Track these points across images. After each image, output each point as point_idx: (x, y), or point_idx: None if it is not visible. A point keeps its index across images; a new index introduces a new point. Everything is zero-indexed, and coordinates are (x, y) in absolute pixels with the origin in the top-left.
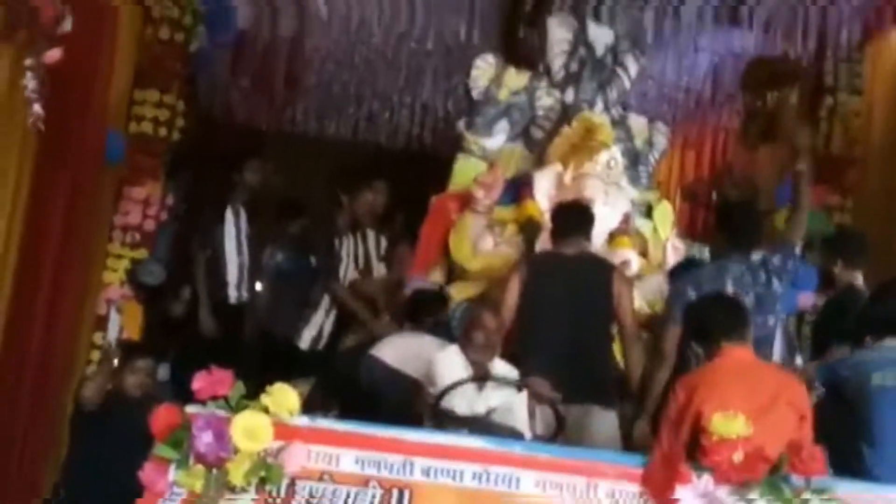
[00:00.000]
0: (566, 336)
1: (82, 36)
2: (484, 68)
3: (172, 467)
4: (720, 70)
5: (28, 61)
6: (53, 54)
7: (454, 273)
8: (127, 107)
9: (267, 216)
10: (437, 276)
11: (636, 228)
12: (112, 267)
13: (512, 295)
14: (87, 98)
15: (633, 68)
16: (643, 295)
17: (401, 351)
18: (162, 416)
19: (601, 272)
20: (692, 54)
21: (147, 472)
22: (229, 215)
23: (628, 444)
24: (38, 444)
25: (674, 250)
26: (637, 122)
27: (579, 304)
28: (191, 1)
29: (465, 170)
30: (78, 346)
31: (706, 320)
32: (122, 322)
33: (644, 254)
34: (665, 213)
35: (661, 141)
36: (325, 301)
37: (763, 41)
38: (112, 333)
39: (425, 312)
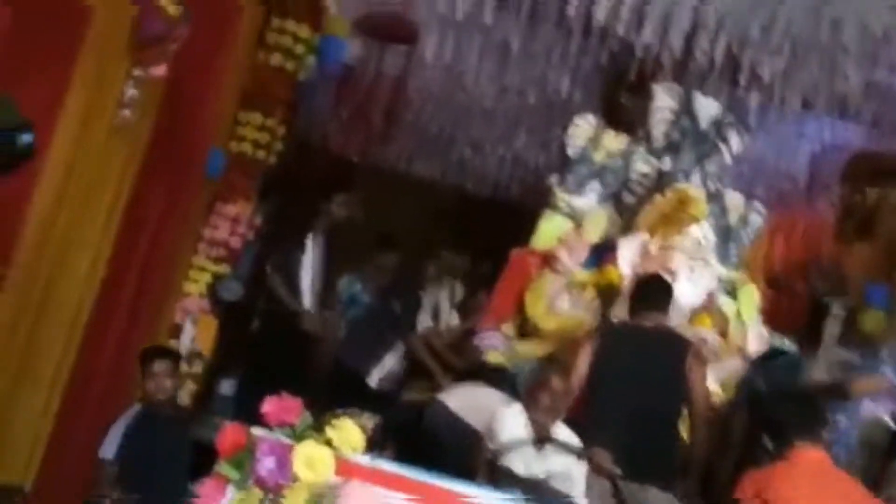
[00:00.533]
0: (633, 410)
1: (198, 55)
2: (583, 127)
3: (231, 487)
4: (820, 159)
5: (136, 72)
6: (160, 70)
7: (526, 329)
8: (231, 126)
9: (345, 247)
10: (508, 330)
11: (719, 307)
12: (194, 278)
13: (583, 361)
14: (196, 114)
15: (736, 144)
16: (718, 377)
17: (465, 400)
18: (228, 435)
19: (676, 348)
20: (794, 140)
21: (206, 488)
22: (309, 243)
23: None
24: None
25: (757, 336)
26: (733, 199)
27: (650, 378)
28: (307, 33)
29: (551, 227)
30: None
31: (779, 416)
32: (196, 333)
33: (724, 334)
34: (750, 296)
35: (756, 221)
36: (400, 347)
37: (868, 136)
38: (185, 343)
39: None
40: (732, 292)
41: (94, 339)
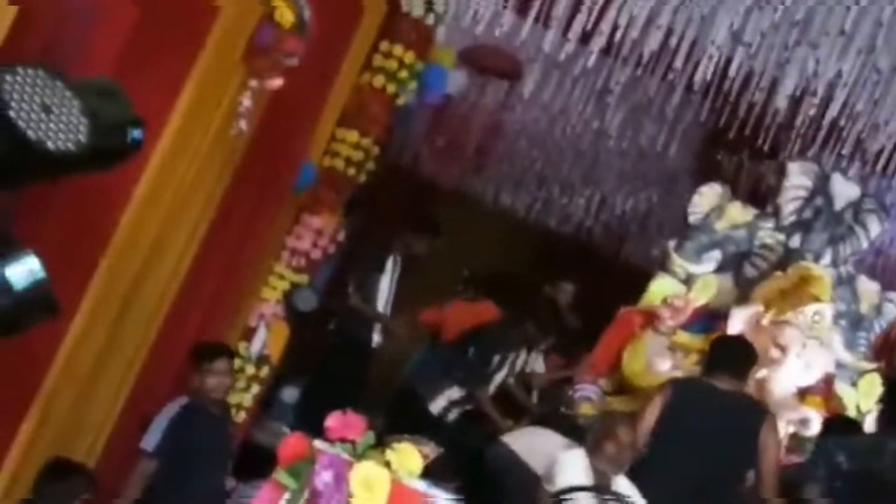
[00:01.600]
0: (697, 471)
1: (307, 69)
2: (708, 195)
3: (286, 496)
4: None
5: (252, 82)
6: (276, 82)
7: (623, 385)
8: (327, 141)
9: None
10: (604, 385)
11: (838, 395)
12: (272, 285)
13: (651, 415)
14: (295, 127)
15: (875, 229)
16: None
17: (527, 443)
18: (290, 444)
19: (752, 416)
20: None
21: (261, 494)
22: (389, 265)
23: None
24: None
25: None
26: (867, 286)
27: (720, 442)
28: (413, 59)
29: (661, 289)
30: None
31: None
32: (268, 339)
33: None
34: (871, 385)
35: (891, 311)
36: (458, 390)
37: None
38: (256, 347)
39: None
40: (853, 380)
41: (171, 332)
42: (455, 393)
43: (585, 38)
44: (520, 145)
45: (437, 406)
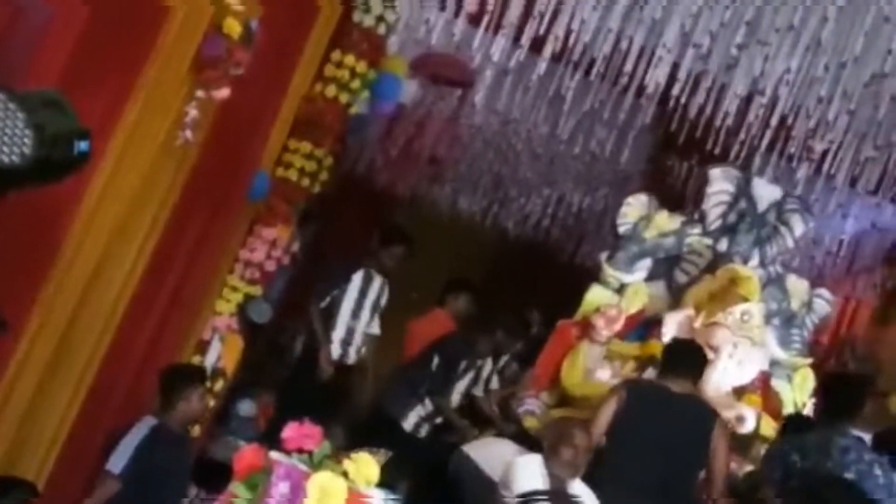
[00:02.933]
0: (651, 473)
1: (256, 80)
2: (635, 206)
3: None
4: (864, 240)
5: (199, 93)
6: (223, 93)
7: (564, 397)
8: (279, 152)
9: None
10: (547, 398)
11: (775, 391)
12: (226, 297)
13: (605, 417)
14: (247, 138)
15: (798, 228)
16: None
17: (486, 452)
18: (246, 456)
19: (703, 417)
20: (838, 219)
21: None
22: (357, 278)
23: None
24: None
25: None
26: (796, 284)
27: (673, 443)
28: (365, 68)
29: (595, 299)
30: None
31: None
32: (222, 351)
33: (776, 416)
34: (805, 378)
35: (822, 307)
36: (429, 403)
37: None
38: (210, 360)
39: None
40: (791, 377)
41: (122, 346)
42: (423, 409)
43: (537, 44)
44: (472, 152)
45: (408, 423)
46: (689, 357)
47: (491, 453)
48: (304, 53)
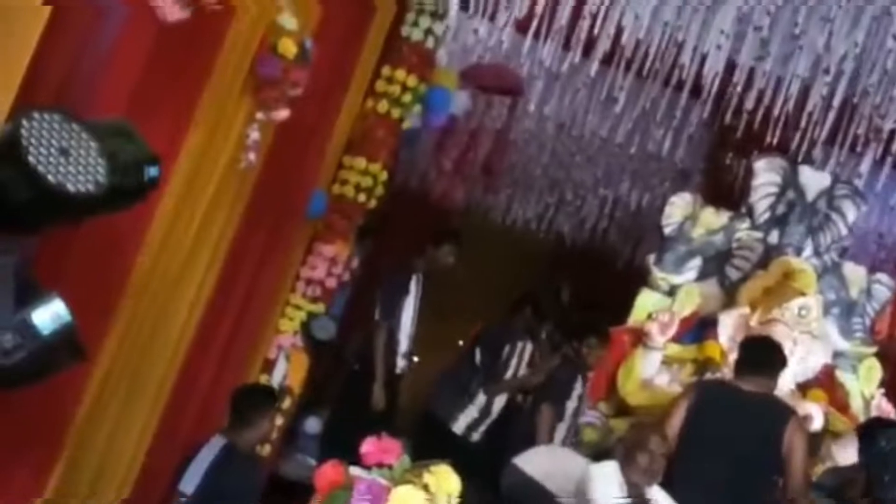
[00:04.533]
0: (725, 476)
1: (311, 99)
2: (679, 206)
3: None
4: None
5: (259, 115)
6: (283, 114)
7: (621, 406)
8: (335, 169)
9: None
10: (604, 408)
11: (841, 383)
12: (289, 316)
13: (677, 420)
14: (303, 157)
15: (851, 214)
16: (836, 453)
17: (545, 464)
18: (326, 473)
19: (778, 417)
20: None
21: None
22: (413, 285)
23: None
24: None
25: (877, 411)
26: (853, 272)
27: (746, 444)
28: (415, 82)
29: (646, 304)
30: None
31: None
32: (288, 370)
33: (845, 410)
34: (871, 369)
35: (882, 292)
36: (480, 398)
37: None
38: (277, 378)
39: None
40: (856, 367)
41: (192, 368)
42: (473, 411)
43: (587, 48)
44: (526, 161)
45: (459, 427)
46: (762, 355)
47: (549, 466)
48: (355, 70)
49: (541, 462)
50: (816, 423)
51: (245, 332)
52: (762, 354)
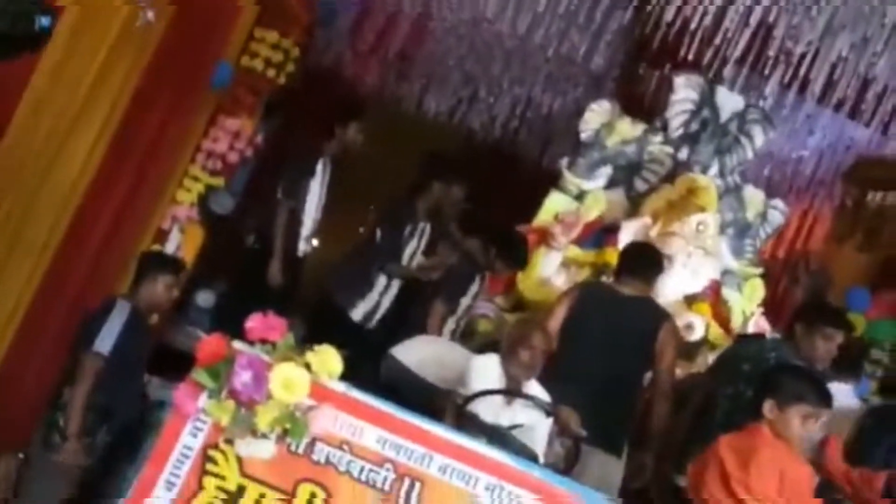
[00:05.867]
0: (598, 373)
1: None
2: (598, 112)
3: (205, 395)
4: (827, 155)
5: None
6: None
7: (518, 301)
8: (244, 41)
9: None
10: (501, 302)
11: (725, 300)
12: (187, 187)
13: (557, 319)
14: (209, 24)
15: (759, 139)
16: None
17: (423, 355)
18: (209, 344)
19: (651, 319)
20: (806, 133)
21: (179, 392)
22: (319, 168)
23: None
24: None
25: (754, 327)
26: (752, 195)
27: (620, 344)
28: None
29: (554, 206)
30: (135, 251)
31: (794, 386)
32: (182, 241)
33: (726, 325)
34: (754, 288)
35: (776, 217)
36: (382, 280)
37: (878, 141)
38: (169, 249)
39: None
40: (741, 286)
41: (80, 231)
42: (374, 296)
43: None
44: (442, 49)
45: (357, 314)
46: (643, 260)
47: (426, 357)
48: None
49: (417, 352)
50: (697, 333)
51: (139, 200)
52: (640, 260)
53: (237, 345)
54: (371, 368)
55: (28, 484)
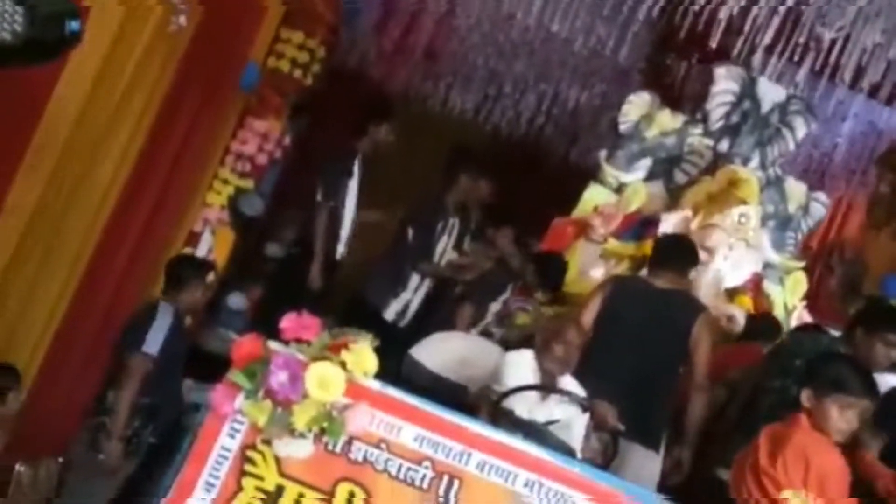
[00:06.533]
0: (633, 366)
1: None
2: (637, 104)
3: (241, 395)
4: (860, 142)
5: None
6: None
7: (556, 294)
8: (271, 42)
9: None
10: (539, 296)
11: (767, 293)
12: (217, 190)
13: (591, 312)
14: (236, 26)
15: (801, 131)
16: None
17: (445, 357)
18: (244, 345)
19: (687, 312)
20: (838, 120)
21: (216, 394)
22: (356, 168)
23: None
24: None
25: (797, 321)
26: (794, 187)
27: (655, 337)
28: None
29: (593, 198)
30: (167, 254)
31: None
32: (213, 244)
33: None
34: (797, 282)
35: (818, 210)
36: (415, 279)
37: None
38: (201, 252)
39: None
40: (783, 279)
41: (113, 235)
42: (407, 295)
43: None
44: (469, 46)
45: (390, 313)
46: (676, 252)
47: (448, 357)
48: None
49: (438, 353)
50: (739, 324)
51: (171, 203)
52: (673, 252)
53: (273, 345)
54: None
55: (71, 486)
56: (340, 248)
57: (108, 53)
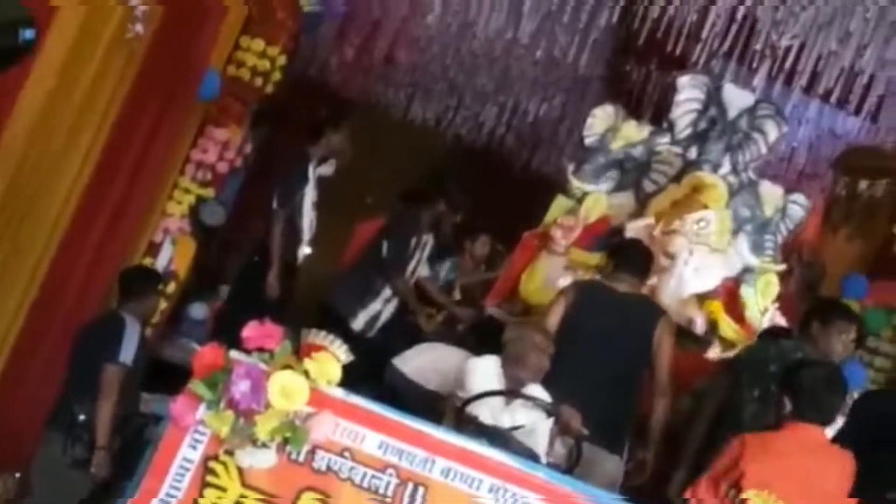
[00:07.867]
0: (595, 371)
1: None
2: (601, 117)
3: (203, 406)
4: (817, 146)
5: None
6: None
7: (525, 307)
8: (231, 50)
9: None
10: (508, 309)
11: (742, 297)
12: (177, 199)
13: (554, 317)
14: (196, 34)
15: (773, 134)
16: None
17: (422, 364)
18: (205, 355)
19: (648, 316)
20: (794, 124)
21: (177, 405)
22: (311, 173)
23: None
24: None
25: (770, 323)
26: (769, 190)
27: (617, 342)
28: None
29: (558, 210)
30: (127, 265)
31: (814, 388)
32: (174, 254)
33: (740, 321)
34: (767, 283)
35: (796, 212)
36: (386, 291)
37: (868, 130)
38: (161, 262)
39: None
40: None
41: (72, 246)
42: (377, 306)
43: None
44: (428, 55)
45: (358, 323)
46: (634, 256)
47: (425, 365)
48: None
49: (417, 363)
50: (698, 330)
51: (130, 213)
52: (633, 256)
53: (235, 354)
54: (371, 375)
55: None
56: (300, 253)
57: (65, 62)
